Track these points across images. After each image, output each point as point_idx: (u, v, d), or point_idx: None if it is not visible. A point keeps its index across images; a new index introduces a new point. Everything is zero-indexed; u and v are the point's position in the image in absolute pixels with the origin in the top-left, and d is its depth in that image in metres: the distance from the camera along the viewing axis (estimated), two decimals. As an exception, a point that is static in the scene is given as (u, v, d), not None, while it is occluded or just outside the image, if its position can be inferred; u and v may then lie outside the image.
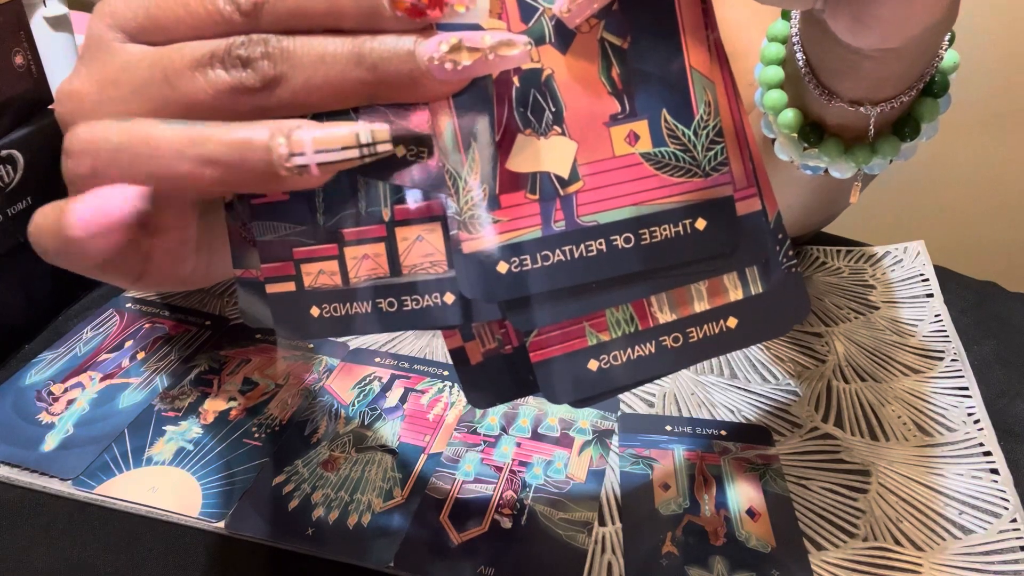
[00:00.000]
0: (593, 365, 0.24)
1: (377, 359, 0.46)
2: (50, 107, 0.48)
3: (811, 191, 0.47)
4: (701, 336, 0.25)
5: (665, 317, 0.25)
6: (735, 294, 0.25)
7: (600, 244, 0.24)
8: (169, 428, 0.40)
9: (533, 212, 0.23)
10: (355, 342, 0.47)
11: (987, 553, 0.35)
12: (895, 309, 0.51)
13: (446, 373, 0.45)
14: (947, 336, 0.48)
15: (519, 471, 0.38)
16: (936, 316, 0.50)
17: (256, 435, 0.40)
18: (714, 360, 0.46)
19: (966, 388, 0.44)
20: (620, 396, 0.43)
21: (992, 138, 1.31)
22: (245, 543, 0.35)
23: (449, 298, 0.23)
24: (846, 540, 0.36)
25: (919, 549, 0.35)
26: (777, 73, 0.36)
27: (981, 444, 0.40)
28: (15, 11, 0.45)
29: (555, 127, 0.23)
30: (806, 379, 0.45)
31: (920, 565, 0.34)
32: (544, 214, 0.23)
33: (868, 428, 0.42)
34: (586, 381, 0.24)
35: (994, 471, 0.39)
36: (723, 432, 0.41)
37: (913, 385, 0.45)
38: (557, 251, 0.23)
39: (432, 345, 0.47)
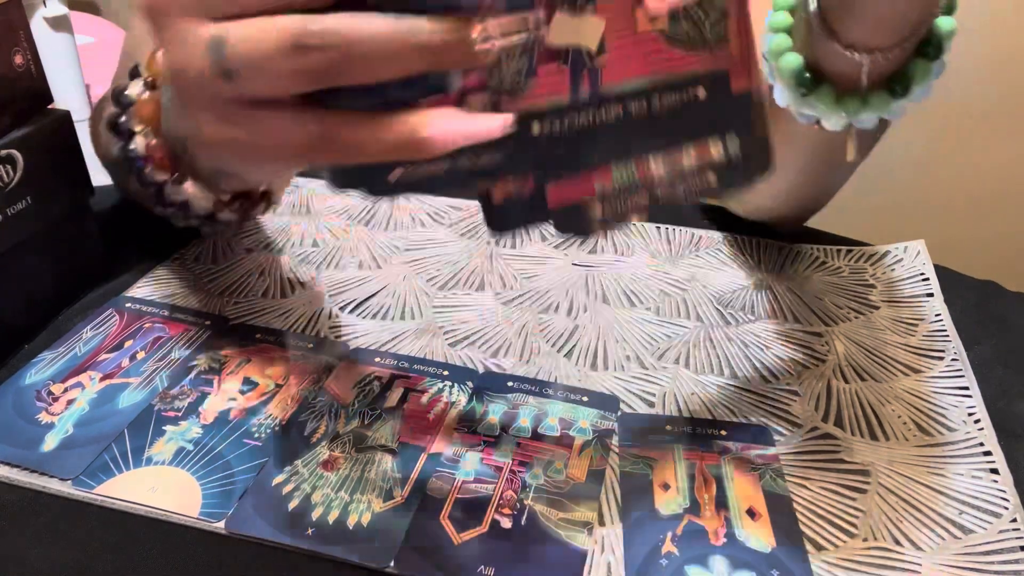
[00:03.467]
0: (597, 211, 0.30)
1: (377, 359, 0.46)
2: (50, 107, 0.48)
3: (809, 151, 0.47)
4: (685, 187, 0.30)
5: (659, 170, 0.29)
6: (716, 153, 0.30)
7: (618, 108, 0.28)
8: (169, 428, 0.40)
9: (564, 80, 0.27)
10: (355, 342, 0.47)
11: (987, 553, 0.35)
12: (895, 309, 0.51)
13: (446, 373, 0.45)
14: (947, 336, 0.48)
15: (519, 471, 0.38)
16: (936, 316, 0.50)
17: (256, 435, 0.40)
18: (714, 360, 0.46)
19: (966, 388, 0.44)
20: (620, 396, 0.43)
21: (992, 138, 1.31)
22: (245, 543, 0.35)
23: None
24: (846, 540, 0.36)
25: (919, 549, 0.35)
26: (786, 19, 0.38)
27: (981, 444, 0.40)
28: (15, 11, 0.45)
29: (588, 6, 0.26)
30: (806, 379, 0.45)
31: (920, 565, 0.34)
32: (573, 82, 0.27)
33: (868, 428, 0.42)
34: (591, 221, 0.30)
35: (994, 471, 0.39)
36: (723, 432, 0.41)
37: (913, 385, 0.45)
38: (582, 114, 0.27)
39: (432, 345, 0.47)
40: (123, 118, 0.38)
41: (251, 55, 0.25)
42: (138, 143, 0.37)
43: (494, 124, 0.25)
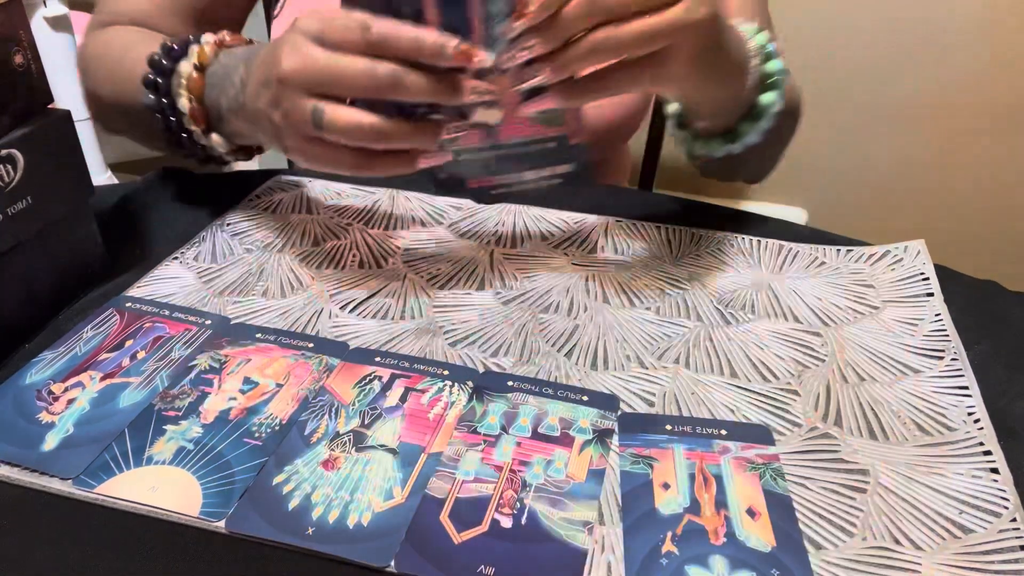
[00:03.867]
0: (494, 191, 0.53)
1: (377, 359, 0.46)
2: (50, 107, 0.48)
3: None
4: (543, 184, 0.52)
5: (527, 176, 0.52)
6: (560, 171, 0.52)
7: (506, 151, 0.51)
8: (169, 428, 0.40)
9: (478, 136, 0.50)
10: (355, 342, 0.47)
11: (987, 553, 0.35)
12: (895, 309, 0.51)
13: (446, 373, 0.45)
14: (947, 336, 0.48)
15: (519, 471, 0.38)
16: (936, 316, 0.50)
17: (256, 435, 0.40)
18: (714, 360, 0.46)
19: (966, 388, 0.44)
20: (620, 396, 0.43)
21: (992, 138, 1.31)
22: (245, 543, 0.35)
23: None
24: (846, 540, 0.36)
25: (919, 549, 0.35)
26: None
27: (981, 444, 0.40)
28: (15, 11, 0.45)
29: (494, 106, 0.46)
30: (806, 379, 0.45)
31: (920, 565, 0.34)
32: (483, 138, 0.50)
33: (868, 428, 0.42)
34: (490, 195, 0.55)
35: (994, 471, 0.39)
36: (723, 432, 0.41)
37: (913, 385, 0.45)
38: (487, 152, 0.51)
39: (432, 345, 0.47)
40: (161, 80, 0.54)
41: (334, 125, 0.43)
42: (183, 103, 0.53)
43: (441, 160, 0.47)
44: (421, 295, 0.52)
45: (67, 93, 1.20)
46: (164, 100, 0.54)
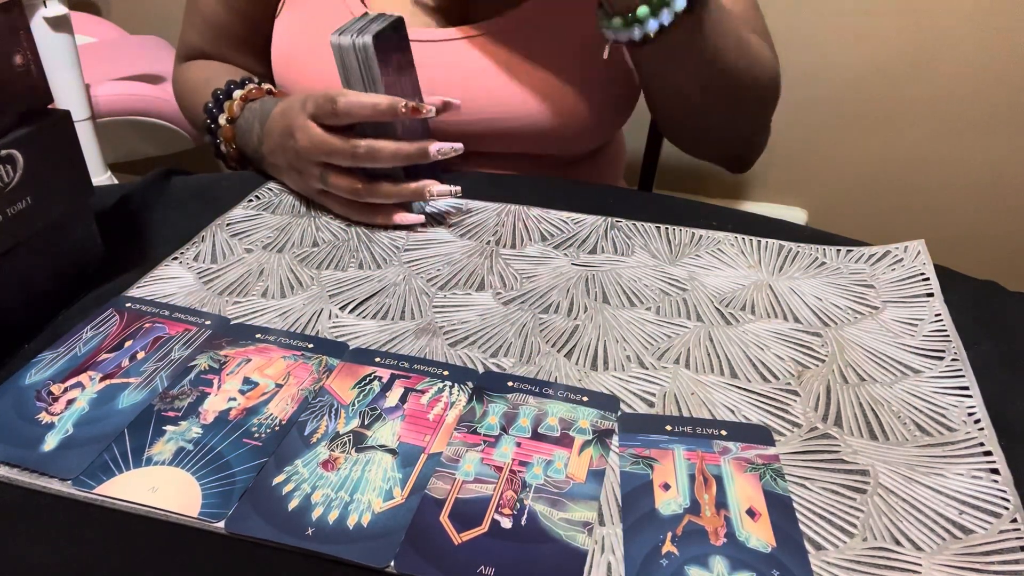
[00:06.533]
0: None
1: (377, 359, 0.46)
2: (50, 107, 0.48)
3: (672, 105, 0.68)
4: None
5: None
6: None
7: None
8: (169, 428, 0.40)
9: None
10: (355, 342, 0.47)
11: (987, 553, 0.35)
12: (895, 309, 0.51)
13: (446, 373, 0.45)
14: (947, 336, 0.48)
15: (519, 471, 0.38)
16: (936, 316, 0.50)
17: (256, 435, 0.40)
18: (714, 360, 0.46)
19: (966, 388, 0.44)
20: (620, 396, 0.43)
21: (992, 138, 1.31)
22: (245, 543, 0.35)
23: None
24: (846, 540, 0.36)
25: (919, 549, 0.35)
26: None
27: (981, 444, 0.40)
28: (15, 11, 0.45)
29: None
30: (806, 379, 0.45)
31: (920, 565, 0.34)
32: None
33: (868, 428, 0.42)
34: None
35: (994, 471, 0.39)
36: (723, 432, 0.41)
37: (913, 385, 0.45)
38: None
39: (432, 345, 0.47)
40: (213, 125, 0.70)
41: (335, 185, 0.59)
42: (223, 148, 0.69)
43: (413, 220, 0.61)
44: (421, 295, 0.52)
45: (67, 93, 1.21)
46: (217, 141, 0.70)
